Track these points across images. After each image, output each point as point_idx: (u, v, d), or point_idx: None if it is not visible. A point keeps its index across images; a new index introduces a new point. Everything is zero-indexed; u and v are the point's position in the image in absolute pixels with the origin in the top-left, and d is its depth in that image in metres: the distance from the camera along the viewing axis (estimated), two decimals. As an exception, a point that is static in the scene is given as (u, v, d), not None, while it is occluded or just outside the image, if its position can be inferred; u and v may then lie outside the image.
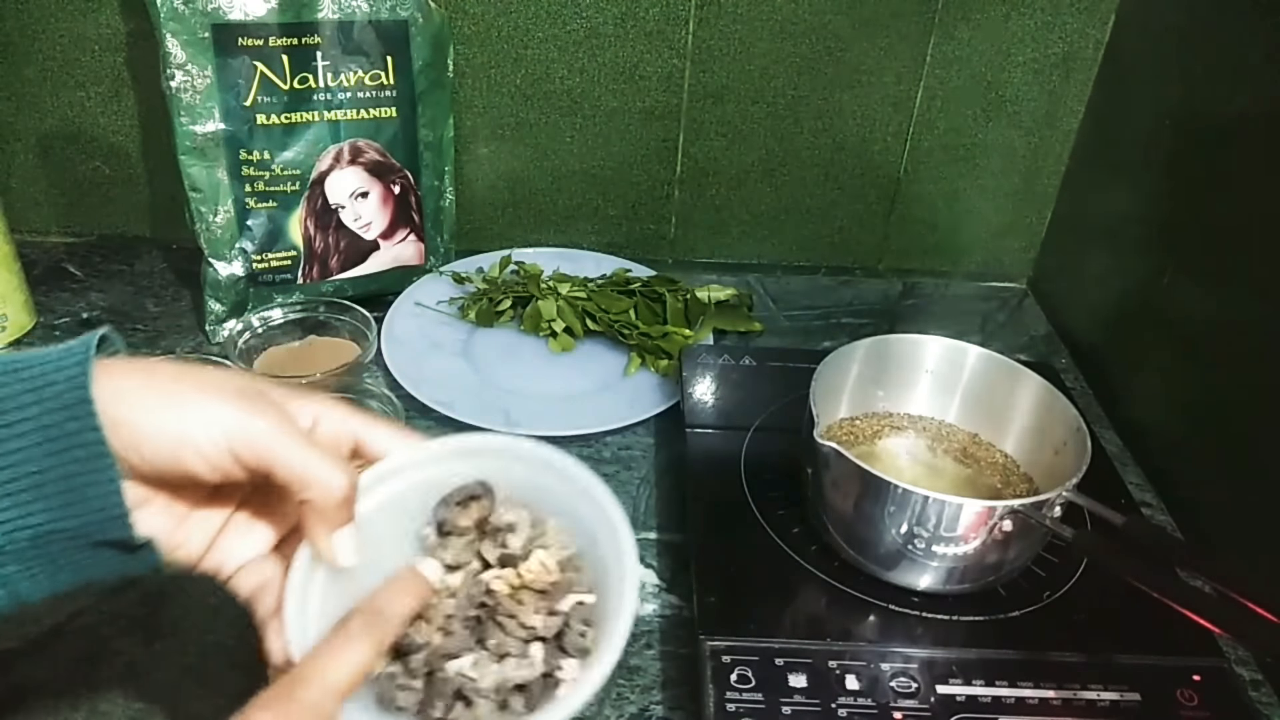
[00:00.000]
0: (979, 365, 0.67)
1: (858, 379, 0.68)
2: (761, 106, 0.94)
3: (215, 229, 0.83)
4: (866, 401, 0.69)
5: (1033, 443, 0.65)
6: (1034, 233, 1.01)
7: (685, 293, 0.90)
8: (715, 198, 0.99)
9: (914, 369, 0.69)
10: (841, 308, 0.97)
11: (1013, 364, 0.66)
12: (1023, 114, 0.94)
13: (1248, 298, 0.68)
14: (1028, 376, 0.65)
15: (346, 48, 0.83)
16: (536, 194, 0.99)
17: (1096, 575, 0.61)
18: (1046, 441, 0.63)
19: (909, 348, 0.69)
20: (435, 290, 0.92)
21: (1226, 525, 0.68)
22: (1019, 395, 0.65)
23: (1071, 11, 0.89)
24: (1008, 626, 0.57)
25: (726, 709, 0.51)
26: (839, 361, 0.65)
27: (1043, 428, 0.64)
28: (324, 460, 0.37)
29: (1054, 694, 0.52)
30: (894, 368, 0.69)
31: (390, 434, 0.41)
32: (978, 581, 0.58)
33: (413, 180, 0.90)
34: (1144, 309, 0.81)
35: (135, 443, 0.34)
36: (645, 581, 0.63)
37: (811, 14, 0.89)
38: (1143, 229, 0.83)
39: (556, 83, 0.92)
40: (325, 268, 0.89)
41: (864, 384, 0.68)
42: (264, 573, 0.40)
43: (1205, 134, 0.74)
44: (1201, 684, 0.54)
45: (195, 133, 0.80)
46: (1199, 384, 0.73)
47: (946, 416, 0.69)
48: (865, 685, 0.52)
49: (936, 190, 0.98)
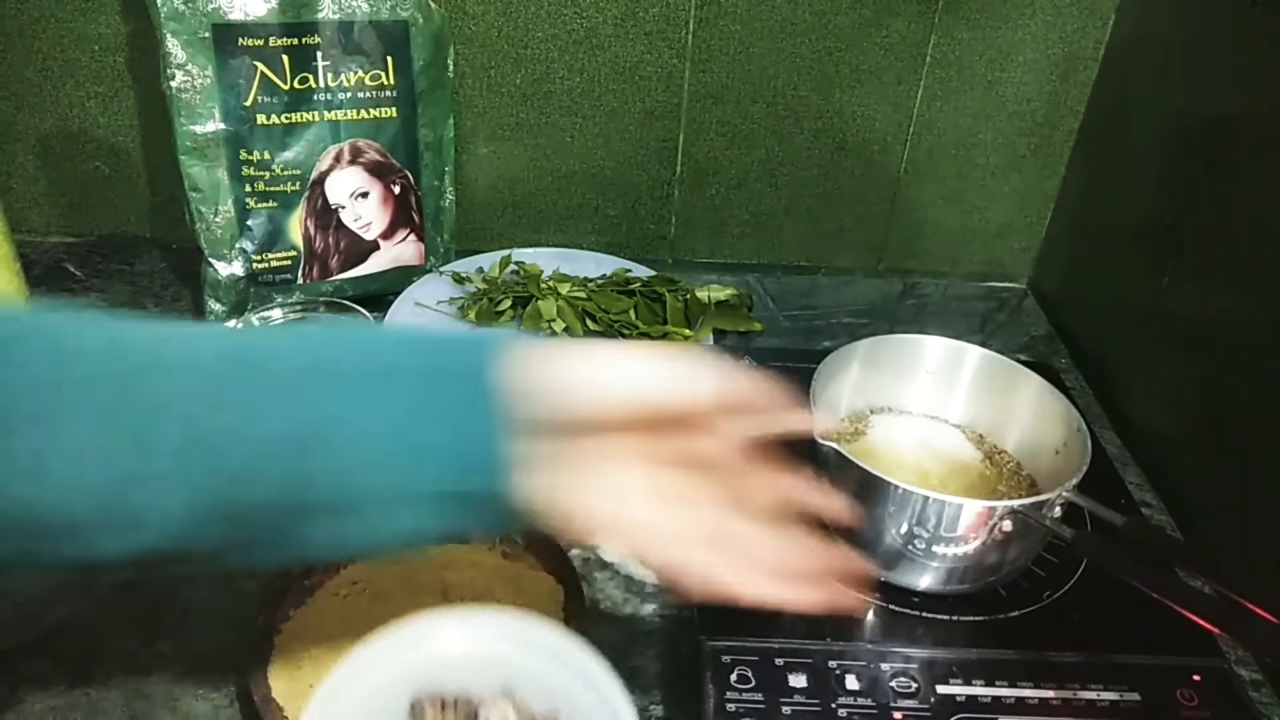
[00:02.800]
0: (979, 365, 0.67)
1: (858, 379, 0.68)
2: (761, 106, 0.94)
3: (215, 229, 0.83)
4: (866, 401, 0.69)
5: (1033, 443, 0.65)
6: (1034, 233, 1.01)
7: (685, 293, 0.90)
8: (715, 198, 0.99)
9: (914, 369, 0.69)
10: (841, 308, 0.97)
11: (1013, 364, 0.66)
12: (1023, 114, 0.94)
13: (1248, 298, 0.68)
14: (1028, 376, 0.65)
15: (347, 48, 0.83)
16: (536, 194, 0.99)
17: (1096, 575, 0.61)
18: (1047, 441, 0.63)
19: (909, 347, 0.69)
20: (435, 290, 0.92)
21: (1227, 525, 0.68)
22: (1019, 395, 0.65)
23: (1071, 11, 0.88)
24: (1008, 626, 0.57)
25: (726, 709, 0.51)
26: (839, 361, 0.65)
27: (1043, 428, 0.64)
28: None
29: (1054, 694, 0.52)
30: (894, 367, 0.69)
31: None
32: (978, 582, 0.58)
33: (413, 180, 0.90)
34: (1144, 309, 0.81)
35: (563, 395, 0.40)
36: (645, 581, 0.63)
37: (811, 14, 0.89)
38: (1143, 229, 0.83)
39: (556, 83, 0.92)
40: (325, 268, 0.89)
41: (864, 384, 0.68)
42: None
43: (1205, 134, 0.74)
44: (1201, 684, 0.54)
45: (195, 133, 0.80)
46: (1199, 384, 0.73)
47: (947, 416, 0.69)
48: (865, 685, 0.52)
49: (936, 190, 0.98)
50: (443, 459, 0.39)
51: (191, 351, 0.40)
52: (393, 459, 0.39)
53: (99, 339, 0.40)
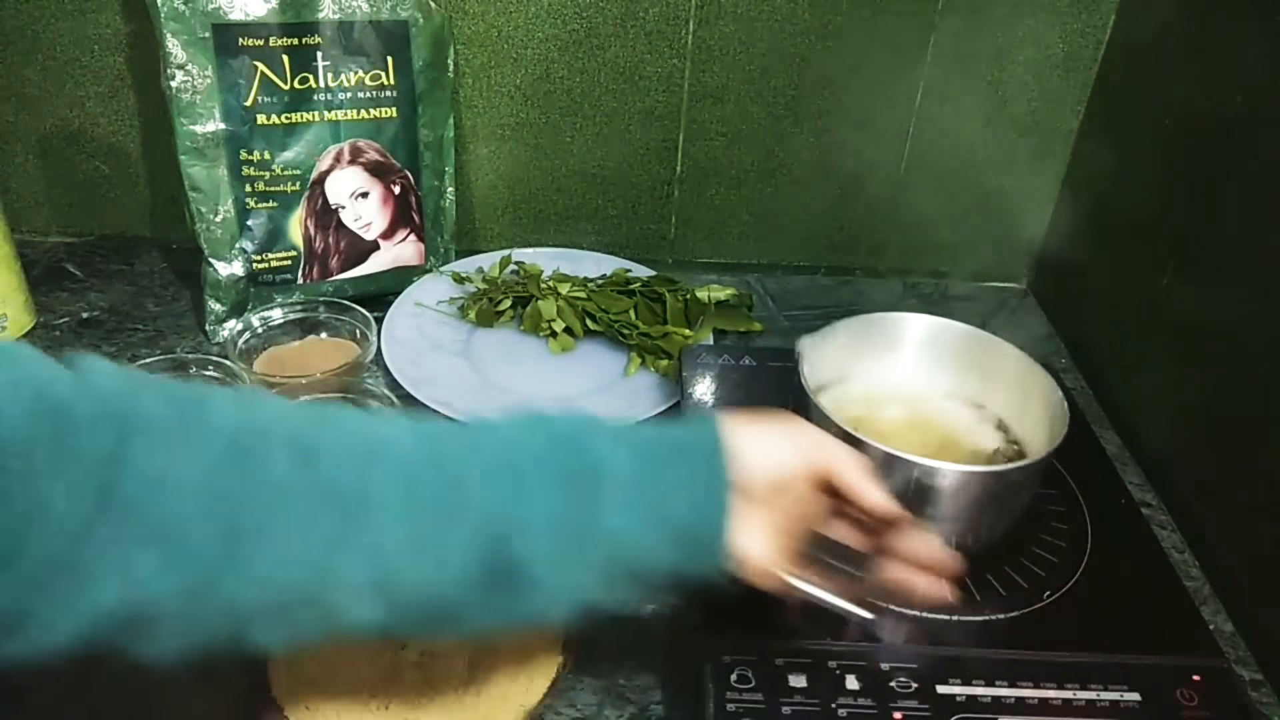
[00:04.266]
0: (961, 340, 0.69)
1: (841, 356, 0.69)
2: (761, 106, 0.94)
3: (215, 229, 0.83)
4: (851, 377, 0.71)
5: (1015, 412, 0.67)
6: (1034, 233, 1.01)
7: (685, 293, 0.90)
8: (715, 198, 0.99)
9: (897, 346, 0.70)
10: (841, 308, 0.97)
11: (993, 338, 0.68)
12: (1023, 114, 0.94)
13: (1248, 298, 0.68)
14: (1008, 349, 0.67)
15: (347, 48, 0.83)
16: (536, 194, 0.99)
17: (1096, 575, 0.61)
18: (1028, 410, 0.65)
19: (890, 326, 0.70)
20: (435, 290, 0.92)
21: (1227, 525, 0.68)
22: (1001, 367, 0.67)
23: (1071, 11, 0.88)
24: (1008, 626, 0.57)
25: (726, 709, 0.51)
26: (823, 339, 0.67)
27: (1025, 397, 0.65)
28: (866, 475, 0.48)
29: (1054, 694, 0.52)
30: (877, 346, 0.70)
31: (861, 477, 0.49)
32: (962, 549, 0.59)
33: (413, 180, 0.90)
34: (1144, 309, 0.81)
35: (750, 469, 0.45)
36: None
37: (811, 14, 0.89)
38: (1143, 229, 0.82)
39: (556, 83, 0.92)
40: (325, 268, 0.89)
41: (848, 361, 0.69)
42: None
43: (1205, 134, 0.74)
44: (1201, 684, 0.54)
45: (195, 133, 0.80)
46: (1199, 384, 0.73)
47: (932, 388, 0.70)
48: (865, 685, 0.52)
49: (936, 190, 0.98)
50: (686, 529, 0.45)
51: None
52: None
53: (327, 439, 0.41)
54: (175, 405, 0.39)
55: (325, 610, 0.40)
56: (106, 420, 0.36)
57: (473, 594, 0.42)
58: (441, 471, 0.42)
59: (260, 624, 0.39)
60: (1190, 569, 0.67)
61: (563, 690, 0.55)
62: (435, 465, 0.42)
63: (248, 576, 0.38)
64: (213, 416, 0.39)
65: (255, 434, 0.39)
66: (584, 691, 0.56)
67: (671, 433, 0.46)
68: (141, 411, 0.37)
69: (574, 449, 0.44)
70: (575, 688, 0.56)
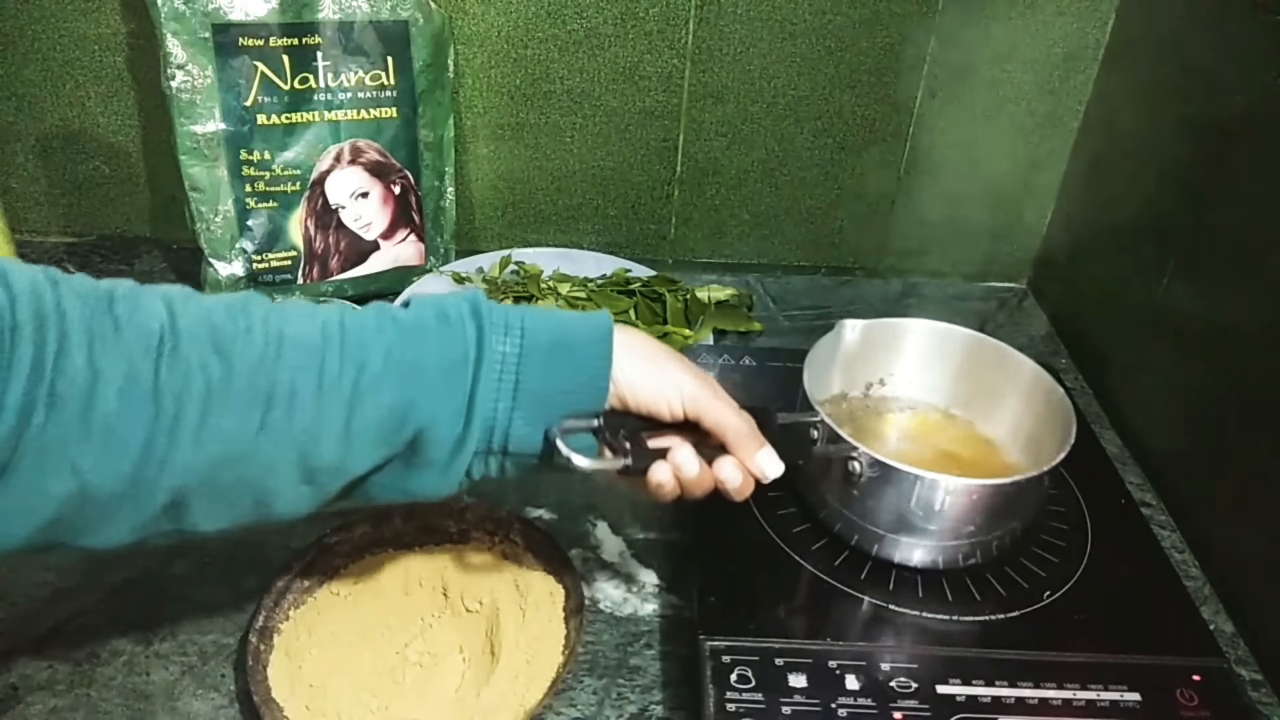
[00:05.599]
0: (967, 347, 0.69)
1: (845, 362, 0.69)
2: (761, 106, 0.94)
3: (215, 229, 0.83)
4: (855, 384, 0.71)
5: (1021, 420, 0.66)
6: (1034, 233, 1.01)
7: (685, 293, 0.90)
8: (715, 198, 0.99)
9: (902, 352, 0.70)
10: (841, 308, 0.97)
11: (1000, 345, 0.67)
12: (1023, 114, 0.94)
13: (1248, 298, 0.68)
14: (1015, 356, 0.66)
15: (347, 48, 0.83)
16: (536, 194, 0.99)
17: (1096, 575, 0.61)
18: (1034, 418, 0.64)
19: (895, 331, 0.70)
20: (435, 290, 0.92)
21: (1226, 525, 0.68)
22: (1007, 374, 0.67)
23: (1071, 11, 0.88)
24: (1008, 626, 0.57)
25: (726, 709, 0.51)
26: (828, 345, 0.67)
27: (1030, 406, 0.65)
28: (734, 412, 0.52)
29: (1054, 694, 0.52)
30: (881, 351, 0.70)
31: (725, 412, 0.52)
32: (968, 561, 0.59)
33: (413, 180, 0.90)
34: (1144, 309, 0.81)
35: (631, 388, 0.50)
36: (645, 581, 0.63)
37: (811, 14, 0.89)
38: (1143, 229, 0.82)
39: (556, 83, 0.92)
40: (325, 268, 0.89)
41: (853, 367, 0.69)
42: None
43: (1205, 134, 0.74)
44: (1201, 684, 0.54)
45: (195, 133, 0.80)
46: (1199, 384, 0.73)
47: (935, 398, 0.70)
48: (865, 685, 0.52)
49: (936, 190, 0.98)
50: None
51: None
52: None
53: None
54: (104, 306, 0.41)
55: (256, 492, 0.44)
56: (38, 324, 0.38)
57: (378, 471, 0.47)
58: (349, 359, 0.45)
59: (197, 508, 0.43)
60: (1190, 569, 0.67)
61: (562, 690, 0.55)
62: (343, 353, 0.45)
63: (179, 466, 0.41)
64: (140, 316, 0.41)
65: (179, 333, 0.42)
66: (584, 691, 0.56)
67: (566, 327, 0.50)
68: (70, 314, 0.40)
69: (462, 335, 0.48)
70: (575, 688, 0.56)
